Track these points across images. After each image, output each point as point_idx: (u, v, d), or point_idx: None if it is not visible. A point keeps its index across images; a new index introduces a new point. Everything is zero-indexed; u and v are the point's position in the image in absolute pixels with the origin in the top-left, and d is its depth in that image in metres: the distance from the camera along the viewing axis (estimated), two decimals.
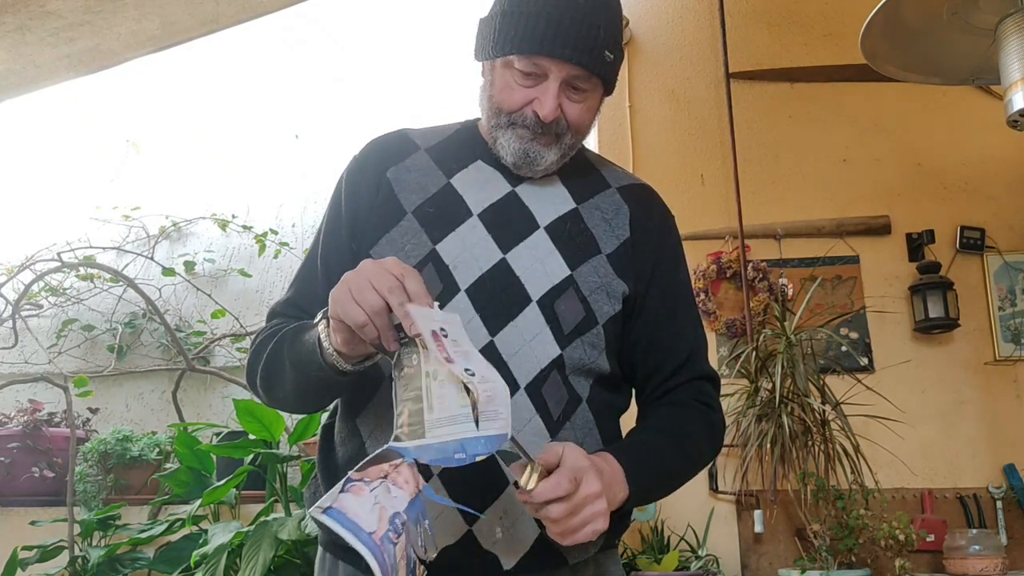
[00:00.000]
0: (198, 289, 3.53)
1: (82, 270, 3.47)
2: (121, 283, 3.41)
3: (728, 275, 3.02)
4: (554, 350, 1.15)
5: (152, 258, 3.59)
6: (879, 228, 3.05)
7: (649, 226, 1.28)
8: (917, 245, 2.99)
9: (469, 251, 1.18)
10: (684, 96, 3.27)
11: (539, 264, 1.18)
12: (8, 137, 3.82)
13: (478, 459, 0.90)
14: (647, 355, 1.25)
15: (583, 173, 1.30)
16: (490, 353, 1.12)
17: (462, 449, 0.89)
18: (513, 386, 1.13)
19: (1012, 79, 1.96)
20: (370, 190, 1.25)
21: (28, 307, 3.43)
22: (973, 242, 2.97)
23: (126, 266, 3.58)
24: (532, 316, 1.15)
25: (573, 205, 1.25)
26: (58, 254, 3.26)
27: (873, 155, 3.13)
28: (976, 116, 3.10)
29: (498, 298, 1.15)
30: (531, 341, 1.14)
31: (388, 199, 1.23)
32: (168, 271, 3.49)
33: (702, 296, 3.00)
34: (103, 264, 3.38)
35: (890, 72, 2.34)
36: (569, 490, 0.96)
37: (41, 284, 3.44)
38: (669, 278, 1.28)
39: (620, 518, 1.22)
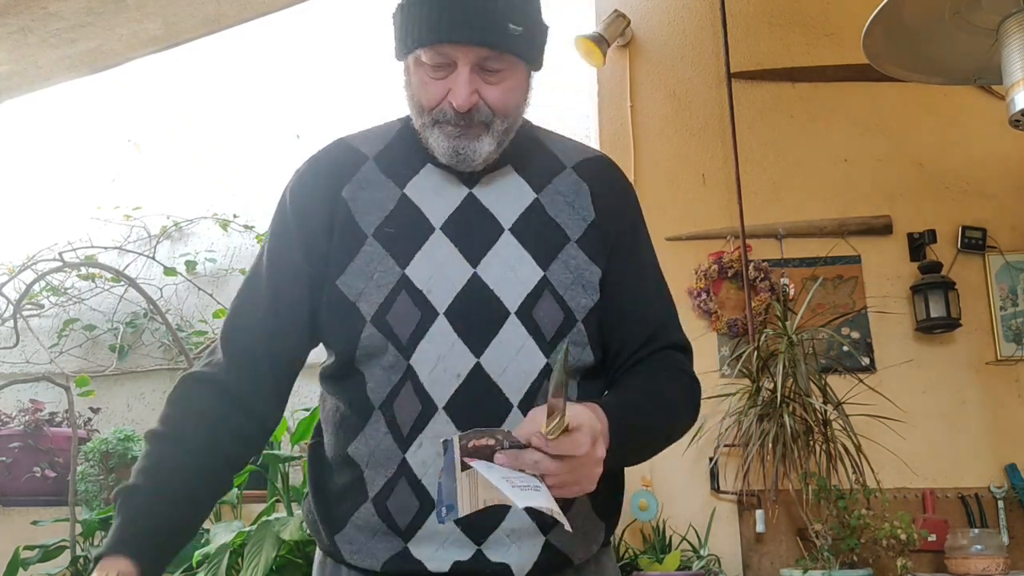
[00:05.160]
0: (199, 289, 3.53)
1: (83, 270, 3.47)
2: (123, 283, 3.41)
3: (729, 275, 3.02)
4: (540, 360, 1.13)
5: (153, 258, 3.59)
6: (880, 228, 3.05)
7: (610, 201, 1.24)
8: (919, 245, 2.99)
9: (440, 271, 1.14)
10: (685, 96, 3.27)
11: (511, 272, 1.15)
12: (10, 137, 3.82)
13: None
14: (615, 330, 1.20)
15: (536, 156, 1.25)
16: (478, 375, 1.10)
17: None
18: (506, 406, 1.11)
19: (1014, 79, 1.96)
20: (323, 211, 1.19)
21: (29, 307, 3.43)
22: (975, 242, 2.97)
23: (127, 266, 3.58)
24: (513, 329, 1.12)
25: (533, 195, 1.21)
26: (59, 254, 3.26)
27: (875, 155, 3.13)
28: (978, 116, 3.10)
29: (477, 316, 1.12)
30: (517, 355, 1.12)
31: (347, 221, 1.17)
32: (170, 271, 3.49)
33: (703, 296, 3.00)
34: (104, 264, 3.38)
35: (892, 72, 2.34)
36: (586, 451, 0.94)
37: (42, 284, 3.44)
38: (631, 250, 1.24)
39: (613, 515, 1.23)
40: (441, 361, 1.11)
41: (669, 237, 3.07)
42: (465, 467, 0.92)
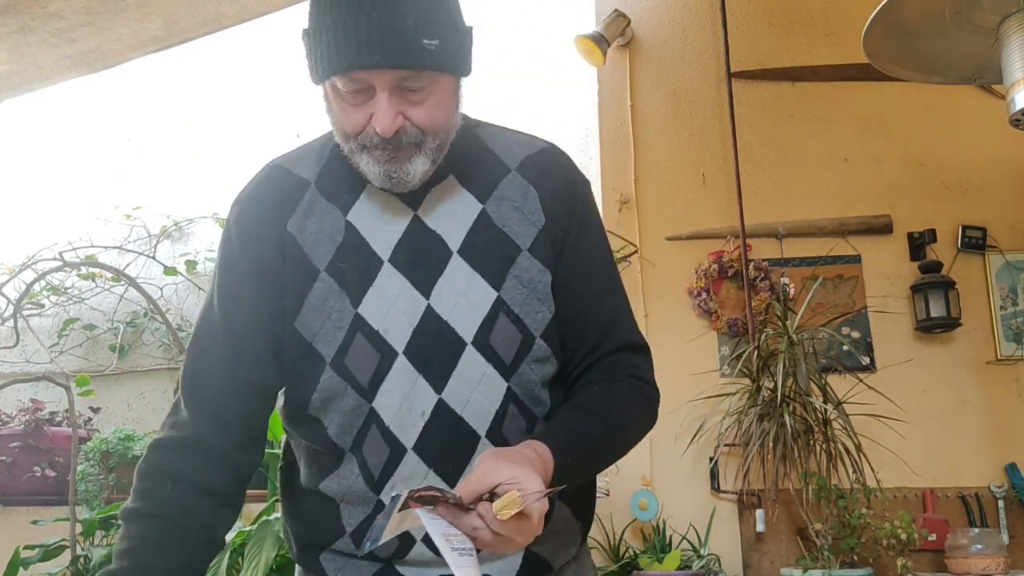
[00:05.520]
0: (200, 288, 3.53)
1: (84, 269, 3.47)
2: (123, 282, 3.41)
3: (730, 274, 3.02)
4: (502, 386, 1.11)
5: (154, 257, 3.60)
6: (881, 227, 3.05)
7: (558, 200, 1.18)
8: (919, 244, 2.99)
9: (394, 306, 1.10)
10: (685, 95, 3.27)
11: (463, 299, 1.11)
12: (10, 137, 3.82)
13: None
14: (566, 335, 1.16)
15: (479, 161, 1.18)
16: (443, 411, 1.09)
17: None
18: (474, 438, 1.10)
19: (1014, 78, 1.96)
20: (273, 246, 1.13)
21: (30, 306, 3.43)
22: (975, 241, 2.97)
23: (128, 265, 3.58)
24: (472, 359, 1.10)
25: (479, 207, 1.15)
26: (60, 253, 3.26)
27: (875, 154, 3.13)
28: (978, 115, 3.10)
29: (434, 350, 1.10)
30: (479, 386, 1.10)
31: (298, 257, 1.13)
32: (170, 270, 3.49)
33: (703, 295, 3.00)
34: (105, 263, 3.38)
35: (892, 71, 2.34)
36: (527, 534, 0.94)
37: (43, 283, 3.45)
38: (578, 249, 1.18)
39: (588, 514, 1.23)
40: (405, 401, 1.09)
41: (669, 237, 3.07)
42: (405, 507, 0.92)
